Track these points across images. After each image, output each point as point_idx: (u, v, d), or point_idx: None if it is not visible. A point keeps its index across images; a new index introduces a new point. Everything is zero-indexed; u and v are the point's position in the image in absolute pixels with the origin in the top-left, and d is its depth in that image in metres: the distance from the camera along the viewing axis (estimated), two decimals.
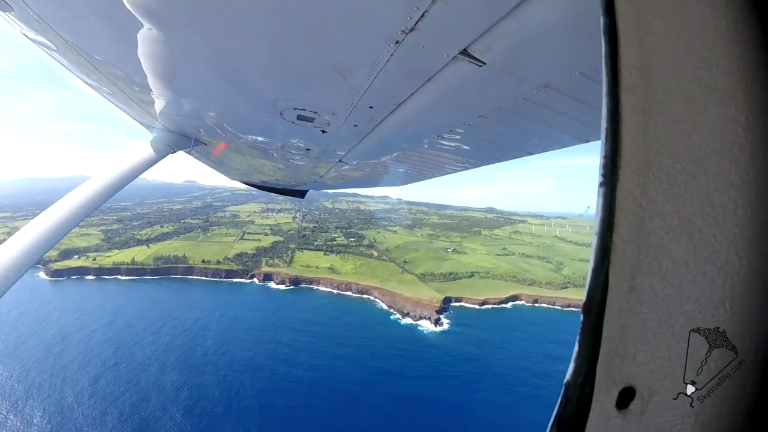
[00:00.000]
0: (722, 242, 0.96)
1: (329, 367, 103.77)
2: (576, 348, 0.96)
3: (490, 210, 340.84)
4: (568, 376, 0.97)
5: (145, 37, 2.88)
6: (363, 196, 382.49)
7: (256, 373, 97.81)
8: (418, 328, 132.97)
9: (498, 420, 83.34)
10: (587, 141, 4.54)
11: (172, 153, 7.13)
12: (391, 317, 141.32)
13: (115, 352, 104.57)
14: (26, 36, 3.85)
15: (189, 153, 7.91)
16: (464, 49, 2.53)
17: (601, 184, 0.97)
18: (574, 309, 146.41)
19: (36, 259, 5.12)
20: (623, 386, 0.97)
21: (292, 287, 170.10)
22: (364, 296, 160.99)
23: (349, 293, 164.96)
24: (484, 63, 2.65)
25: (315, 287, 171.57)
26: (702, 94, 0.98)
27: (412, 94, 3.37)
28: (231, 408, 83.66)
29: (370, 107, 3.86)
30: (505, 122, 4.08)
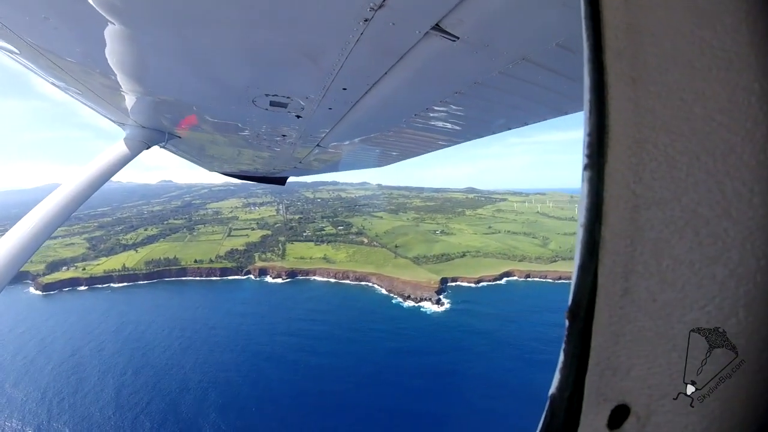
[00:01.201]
0: (735, 237, 0.84)
1: (346, 351, 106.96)
2: (561, 357, 0.86)
3: (470, 190, 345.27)
4: (553, 389, 0.87)
5: (109, 33, 2.83)
6: (342, 183, 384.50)
7: (278, 365, 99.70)
8: (421, 309, 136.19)
9: (517, 383, 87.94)
10: (566, 113, 4.66)
11: (147, 149, 6.99)
12: (393, 301, 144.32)
13: (130, 360, 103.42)
14: None
15: (164, 147, 7.84)
16: (436, 24, 2.45)
17: (585, 167, 0.85)
18: (565, 281, 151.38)
19: (14, 272, 5.04)
20: (616, 403, 0.87)
21: (289, 280, 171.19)
22: (362, 283, 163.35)
23: (347, 281, 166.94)
24: (458, 38, 2.59)
25: (312, 278, 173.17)
26: (704, 57, 0.85)
27: (386, 73, 3.33)
28: (263, 401, 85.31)
29: (344, 89, 3.81)
30: (483, 97, 4.08)
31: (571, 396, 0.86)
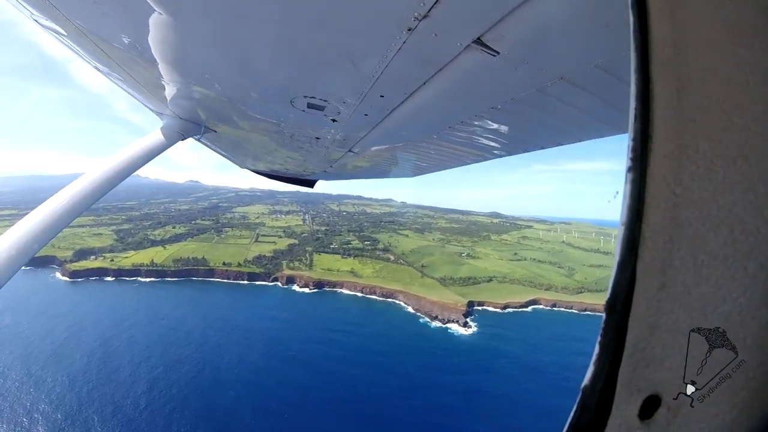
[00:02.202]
0: (765, 234, 0.89)
1: (374, 363, 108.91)
2: (596, 349, 0.89)
3: (495, 214, 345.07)
4: (586, 380, 0.90)
5: (156, 22, 2.85)
6: (367, 198, 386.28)
7: (315, 373, 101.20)
8: (449, 330, 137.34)
9: (543, 407, 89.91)
10: (601, 136, 4.63)
11: (182, 140, 7.05)
12: (420, 320, 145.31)
13: (163, 354, 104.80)
14: (36, 21, 3.83)
15: (199, 140, 7.87)
16: (478, 38, 2.45)
17: (629, 169, 0.90)
18: (590, 313, 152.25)
19: (46, 242, 5.11)
20: (648, 394, 0.90)
21: (316, 290, 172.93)
22: (389, 300, 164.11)
23: (374, 296, 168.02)
24: (498, 52, 2.57)
25: (339, 290, 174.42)
26: (742, 72, 0.91)
27: (424, 83, 3.33)
28: (300, 408, 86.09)
29: (381, 96, 3.80)
30: (519, 114, 4.05)
31: (603, 387, 0.88)
